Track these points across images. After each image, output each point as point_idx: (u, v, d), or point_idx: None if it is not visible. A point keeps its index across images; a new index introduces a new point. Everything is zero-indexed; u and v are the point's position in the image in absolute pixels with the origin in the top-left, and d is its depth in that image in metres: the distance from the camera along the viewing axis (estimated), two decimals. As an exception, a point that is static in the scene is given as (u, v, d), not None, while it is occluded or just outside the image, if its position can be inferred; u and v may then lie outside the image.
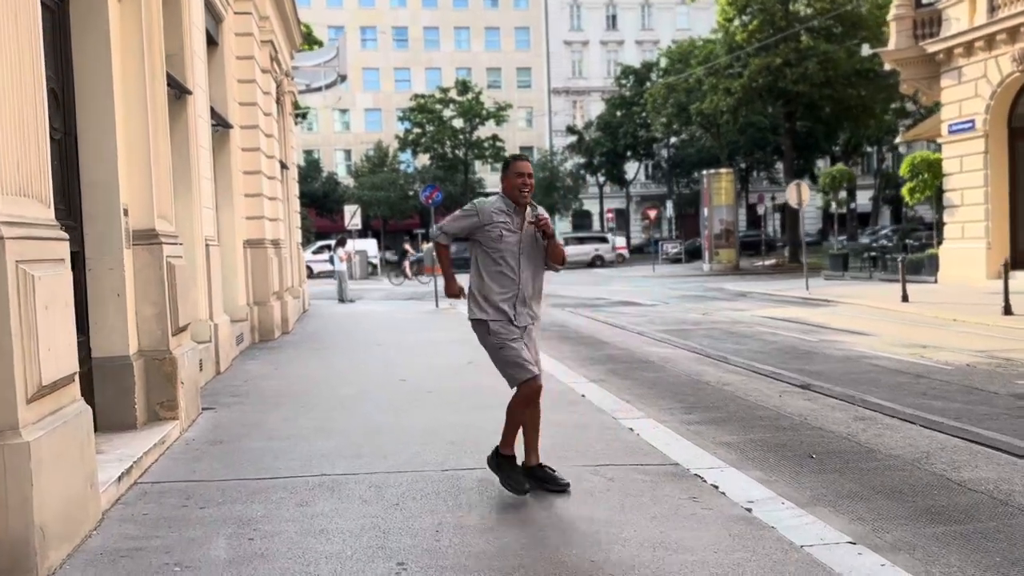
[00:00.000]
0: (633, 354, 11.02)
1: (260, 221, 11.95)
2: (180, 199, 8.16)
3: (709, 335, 12.96)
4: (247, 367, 9.37)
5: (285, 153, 15.84)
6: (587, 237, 47.21)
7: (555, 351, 11.17)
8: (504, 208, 4.55)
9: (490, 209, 4.55)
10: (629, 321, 15.25)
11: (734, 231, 33.15)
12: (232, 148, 10.98)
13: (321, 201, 54.34)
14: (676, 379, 9.06)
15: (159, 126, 6.34)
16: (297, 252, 16.79)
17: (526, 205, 4.56)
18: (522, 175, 4.52)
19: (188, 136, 8.31)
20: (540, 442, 4.91)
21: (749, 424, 6.85)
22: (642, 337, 12.82)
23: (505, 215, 4.53)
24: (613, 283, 28.44)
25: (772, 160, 56.74)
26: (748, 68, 30.74)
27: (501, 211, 4.54)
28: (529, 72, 65.86)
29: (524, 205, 4.55)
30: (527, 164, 4.60)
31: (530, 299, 4.61)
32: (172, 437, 5.80)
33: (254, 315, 11.55)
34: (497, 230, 4.49)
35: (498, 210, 4.55)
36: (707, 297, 20.86)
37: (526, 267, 4.56)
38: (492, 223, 4.49)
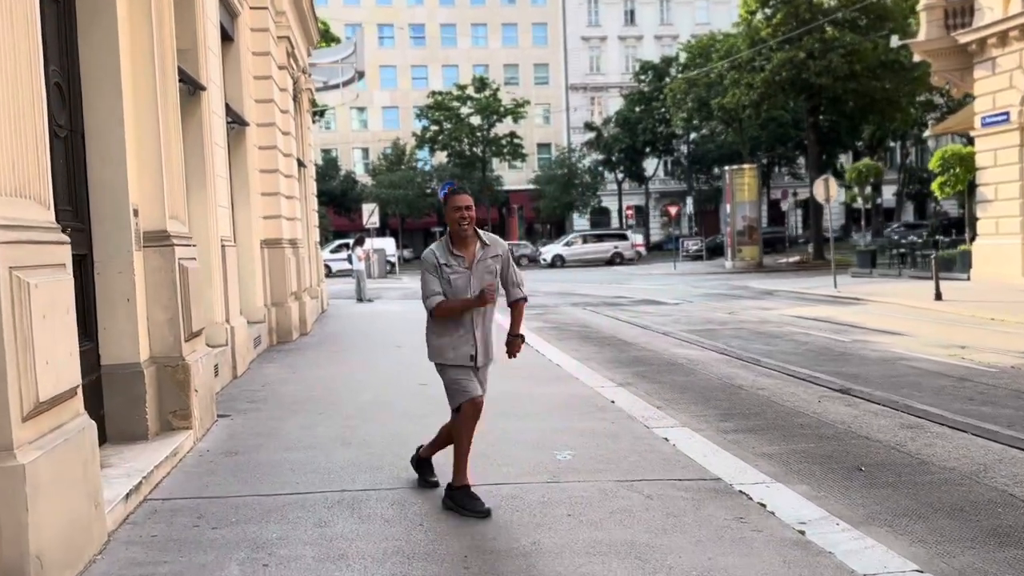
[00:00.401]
0: (660, 356, 10.67)
1: (277, 220, 11.70)
2: (194, 198, 7.91)
3: (737, 335, 12.58)
4: (265, 371, 9.12)
5: (302, 151, 15.60)
6: (606, 234, 46.76)
7: (578, 352, 10.85)
8: (446, 251, 4.44)
9: (433, 259, 4.45)
10: (653, 321, 14.89)
11: (757, 228, 32.65)
12: (248, 146, 10.74)
13: (339, 200, 54.25)
14: (708, 383, 8.71)
15: (171, 123, 6.08)
16: (315, 251, 16.56)
17: (468, 239, 4.43)
18: (459, 208, 4.38)
19: (202, 133, 8.05)
20: (573, 451, 4.59)
21: (790, 433, 6.50)
22: (668, 338, 12.46)
23: (447, 258, 4.43)
24: (634, 281, 28.04)
25: (794, 155, 56.00)
26: (771, 62, 30.19)
27: (443, 255, 4.44)
28: (547, 68, 65.40)
29: (465, 239, 4.43)
30: (464, 197, 4.43)
31: (486, 338, 4.55)
32: (185, 448, 5.53)
33: (272, 316, 11.31)
34: (445, 276, 4.40)
35: (440, 255, 4.45)
36: (732, 295, 20.44)
37: (478, 310, 4.45)
38: (441, 268, 4.41)
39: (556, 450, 5.52)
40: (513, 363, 9.28)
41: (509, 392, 7.58)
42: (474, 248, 4.45)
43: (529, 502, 4.45)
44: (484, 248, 4.46)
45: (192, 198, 7.88)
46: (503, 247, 4.58)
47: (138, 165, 5.64)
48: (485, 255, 4.46)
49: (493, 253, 4.50)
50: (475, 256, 4.43)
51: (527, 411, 6.83)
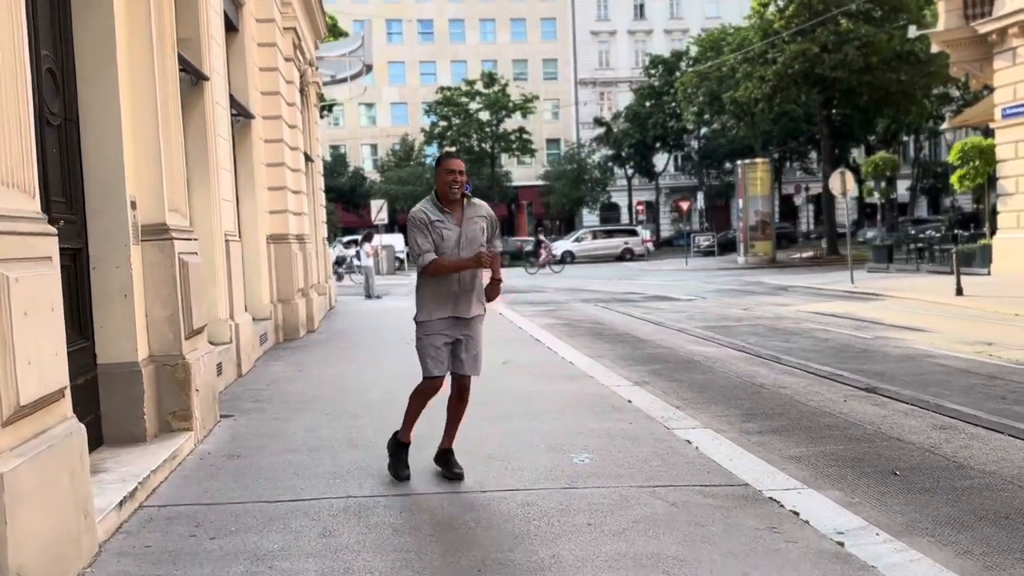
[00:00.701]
0: (676, 353, 10.39)
1: (284, 215, 11.47)
2: (197, 192, 7.69)
3: (754, 332, 12.28)
4: (270, 369, 8.89)
5: (310, 145, 15.37)
6: (615, 230, 46.45)
7: (591, 349, 10.58)
8: (433, 208, 4.62)
9: (424, 216, 4.60)
10: (667, 317, 14.60)
11: (770, 223, 32.26)
12: (254, 139, 10.51)
13: (347, 196, 54.10)
14: (727, 381, 8.42)
15: (171, 112, 5.84)
16: (323, 247, 16.34)
17: (459, 200, 4.62)
18: (452, 172, 4.56)
19: (205, 125, 7.82)
20: (591, 454, 4.34)
21: (816, 434, 6.22)
22: (683, 334, 12.18)
23: (438, 214, 4.60)
24: (645, 277, 27.73)
25: (806, 150, 55.50)
26: (784, 55, 29.77)
27: (433, 212, 4.61)
28: (555, 63, 65.01)
29: (455, 201, 4.61)
30: (457, 162, 4.63)
31: (472, 294, 4.67)
32: (185, 451, 5.29)
33: (278, 313, 11.08)
34: (437, 231, 4.57)
35: (431, 212, 4.61)
36: (746, 291, 20.12)
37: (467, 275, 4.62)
38: (432, 224, 4.57)
39: (573, 453, 5.25)
40: (524, 360, 9.08)
41: (521, 390, 7.32)
42: (460, 210, 4.63)
43: (546, 509, 4.19)
44: (471, 207, 4.69)
45: (194, 191, 7.65)
46: (487, 209, 4.81)
47: (136, 156, 5.40)
48: (474, 214, 4.67)
49: (480, 213, 4.72)
50: (463, 216, 4.63)
51: (540, 410, 6.57)
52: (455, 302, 4.61)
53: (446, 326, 4.63)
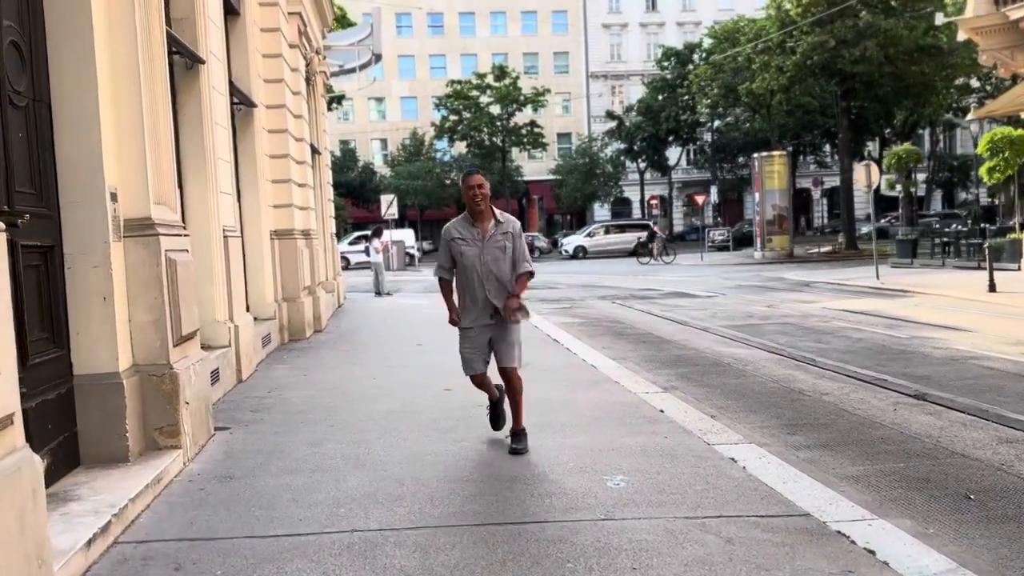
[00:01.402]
0: (703, 355, 9.79)
1: (289, 210, 10.92)
2: (192, 183, 7.14)
3: (783, 331, 11.66)
4: (273, 373, 8.33)
5: (317, 137, 14.81)
6: (629, 224, 45.70)
7: (613, 351, 10.00)
8: (463, 224, 5.12)
9: (449, 232, 5.15)
10: (688, 315, 13.99)
11: (787, 217, 31.51)
12: (256, 129, 9.95)
13: (357, 191, 53.64)
14: (763, 387, 7.82)
15: (158, 94, 5.28)
16: (331, 243, 15.79)
17: (482, 213, 5.07)
18: (472, 187, 5.02)
19: (201, 111, 7.27)
20: (626, 476, 3.77)
21: (871, 449, 5.62)
22: (708, 334, 11.57)
23: (462, 231, 5.09)
24: (661, 272, 27.09)
25: (820, 143, 54.63)
26: (801, 45, 29.00)
27: (459, 228, 5.11)
28: (567, 57, 64.27)
29: (480, 213, 5.06)
30: (478, 177, 5.06)
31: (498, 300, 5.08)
32: (172, 472, 4.75)
33: (283, 313, 10.54)
34: (457, 247, 5.06)
35: (457, 228, 5.12)
36: (767, 287, 19.47)
37: (491, 276, 5.05)
38: (453, 241, 5.08)
39: (605, 474, 4.68)
40: (544, 364, 8.49)
41: (543, 399, 6.75)
42: (488, 224, 5.07)
43: (582, 547, 3.62)
44: (497, 225, 5.10)
45: (189, 183, 7.11)
46: (515, 225, 5.19)
47: (117, 142, 4.85)
48: (497, 231, 5.08)
49: (504, 230, 5.10)
50: (488, 231, 5.05)
51: (564, 422, 5.99)
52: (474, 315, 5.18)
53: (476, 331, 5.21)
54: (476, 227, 5.07)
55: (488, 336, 5.17)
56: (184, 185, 7.27)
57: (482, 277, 5.04)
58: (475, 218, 5.08)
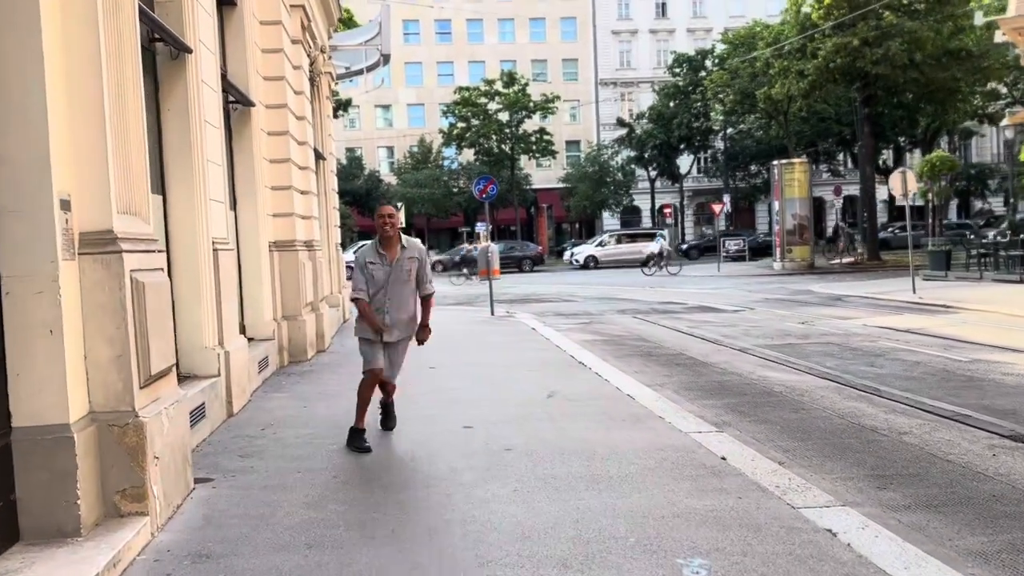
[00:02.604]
0: (749, 381, 8.81)
1: (290, 219, 10.00)
2: (176, 189, 6.23)
3: (827, 352, 10.68)
4: (269, 404, 7.38)
5: (321, 141, 13.91)
6: (640, 234, 44.72)
7: (647, 375, 9.04)
8: (374, 251, 5.75)
9: (363, 257, 5.75)
10: (720, 332, 13.01)
11: (808, 226, 30.50)
12: (254, 131, 9.04)
13: (363, 199, 52.81)
14: (828, 423, 6.84)
15: (127, 78, 4.37)
16: (336, 254, 14.86)
17: (391, 238, 5.71)
18: (383, 216, 5.69)
19: (188, 106, 6.37)
20: (705, 560, 2.83)
21: (985, 511, 4.63)
22: (747, 356, 10.59)
23: (374, 256, 5.73)
24: (677, 284, 26.10)
25: (835, 151, 53.65)
26: (823, 48, 28.04)
27: (371, 255, 5.73)
28: (576, 63, 63.53)
29: (389, 238, 5.70)
30: (388, 208, 5.76)
31: (400, 320, 5.80)
32: (135, 548, 3.80)
33: (283, 332, 9.60)
34: (369, 272, 5.70)
35: (370, 253, 5.75)
36: (795, 301, 18.46)
37: (394, 295, 5.74)
38: (365, 267, 5.71)
39: (678, 555, 3.72)
40: (573, 392, 7.53)
41: (580, 440, 5.79)
42: (396, 249, 5.71)
43: None
44: (403, 250, 5.74)
45: (173, 189, 6.20)
46: (419, 250, 5.88)
47: (70, 137, 3.92)
48: (403, 256, 5.73)
49: (410, 255, 5.77)
50: (396, 255, 5.70)
51: (612, 475, 5.02)
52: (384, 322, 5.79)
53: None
54: (384, 253, 5.74)
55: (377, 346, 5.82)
56: (167, 191, 6.36)
57: (385, 297, 5.73)
58: (384, 245, 5.75)
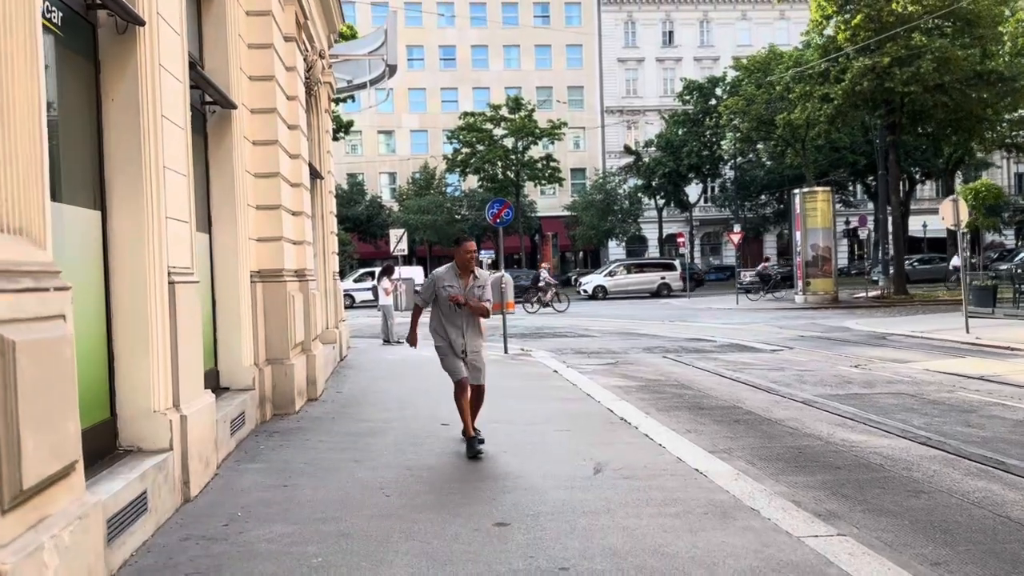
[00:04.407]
0: (833, 447, 7.21)
1: (277, 244, 8.45)
2: (121, 203, 4.74)
3: (906, 406, 9.10)
4: (240, 482, 5.76)
5: (319, 158, 12.42)
6: (650, 263, 43.25)
7: (709, 439, 7.45)
8: (452, 275, 6.79)
9: (440, 279, 6.80)
10: (768, 378, 11.43)
11: (831, 258, 29.00)
12: (235, 138, 7.54)
13: (364, 226, 51.49)
14: (964, 514, 5.23)
15: (13, 32, 2.85)
16: (333, 285, 13.30)
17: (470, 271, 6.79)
18: (469, 251, 6.76)
19: (139, 97, 4.87)
20: None
21: None
22: (815, 410, 8.99)
23: (453, 280, 6.77)
24: (699, 318, 24.51)
25: (847, 181, 52.37)
26: (850, 71, 26.74)
27: (451, 278, 6.78)
28: (581, 91, 62.59)
29: (469, 271, 6.79)
30: (471, 243, 6.84)
31: (468, 336, 6.78)
32: None
33: (265, 380, 8.01)
34: (443, 291, 6.73)
35: (448, 277, 6.79)
36: (835, 340, 16.87)
37: (466, 316, 6.77)
38: (442, 288, 6.75)
39: None
40: (624, 464, 5.94)
41: (660, 555, 4.19)
42: (470, 278, 6.79)
43: None
44: (476, 279, 6.81)
45: (115, 202, 4.70)
46: (487, 278, 6.96)
47: None
48: (474, 284, 6.78)
49: (479, 284, 6.81)
50: (469, 283, 6.77)
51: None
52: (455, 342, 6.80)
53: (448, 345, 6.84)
54: (462, 278, 6.71)
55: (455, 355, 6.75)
56: (108, 206, 4.83)
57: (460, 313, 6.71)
58: (462, 273, 6.73)
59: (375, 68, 15.01)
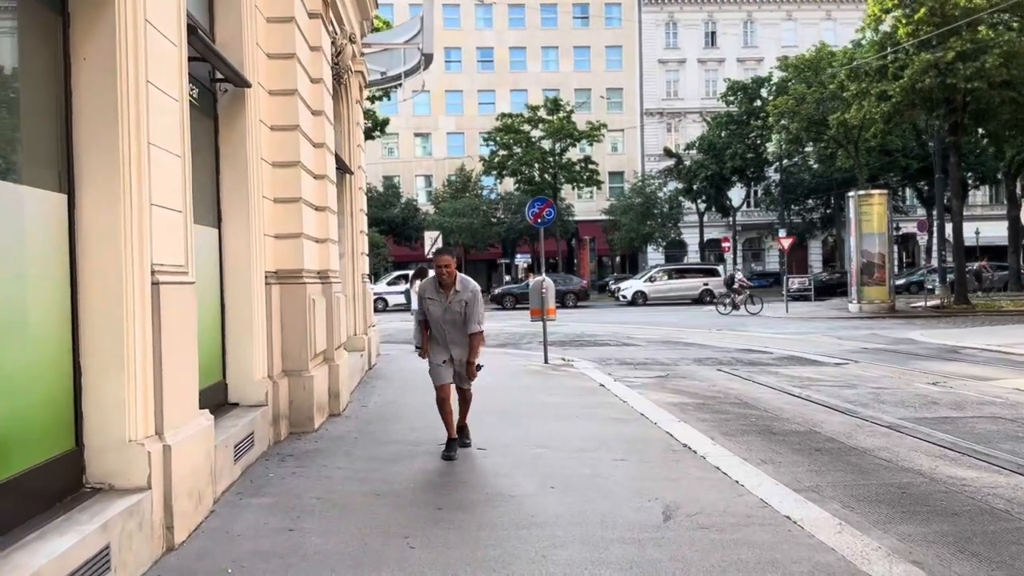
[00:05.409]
0: (941, 485, 6.08)
1: (296, 241, 7.54)
2: (92, 186, 3.86)
3: (1008, 433, 7.91)
4: (237, 524, 4.82)
5: (349, 151, 11.55)
6: (692, 268, 41.96)
7: (790, 473, 6.36)
8: (434, 288, 6.59)
9: (424, 291, 6.66)
10: (841, 397, 10.27)
11: (886, 265, 27.52)
12: (249, 121, 6.66)
13: (399, 228, 50.91)
14: None
15: None
16: (362, 288, 12.41)
17: (447, 283, 6.51)
18: (440, 266, 6.47)
19: (116, 58, 4.00)
20: None
21: None
22: (904, 437, 7.84)
23: (433, 293, 6.59)
24: (748, 326, 23.26)
25: (898, 186, 50.45)
26: (910, 67, 25.32)
27: (431, 291, 6.60)
28: (620, 93, 61.44)
29: (445, 284, 6.52)
30: (446, 258, 6.51)
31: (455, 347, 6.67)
32: None
33: (280, 394, 7.10)
34: (425, 306, 6.64)
35: (430, 289, 6.61)
36: (902, 352, 15.58)
37: (450, 330, 6.62)
38: (423, 300, 6.65)
39: None
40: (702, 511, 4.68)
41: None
42: (450, 292, 6.53)
43: None
44: (456, 293, 6.52)
45: (85, 185, 3.81)
46: (470, 291, 6.57)
47: None
48: (455, 298, 6.52)
49: (461, 297, 6.53)
50: (449, 297, 6.52)
51: None
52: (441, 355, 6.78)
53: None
54: (442, 291, 6.55)
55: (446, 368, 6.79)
56: (76, 189, 3.94)
57: (445, 327, 6.62)
58: (442, 286, 6.54)
59: (410, 59, 14.13)
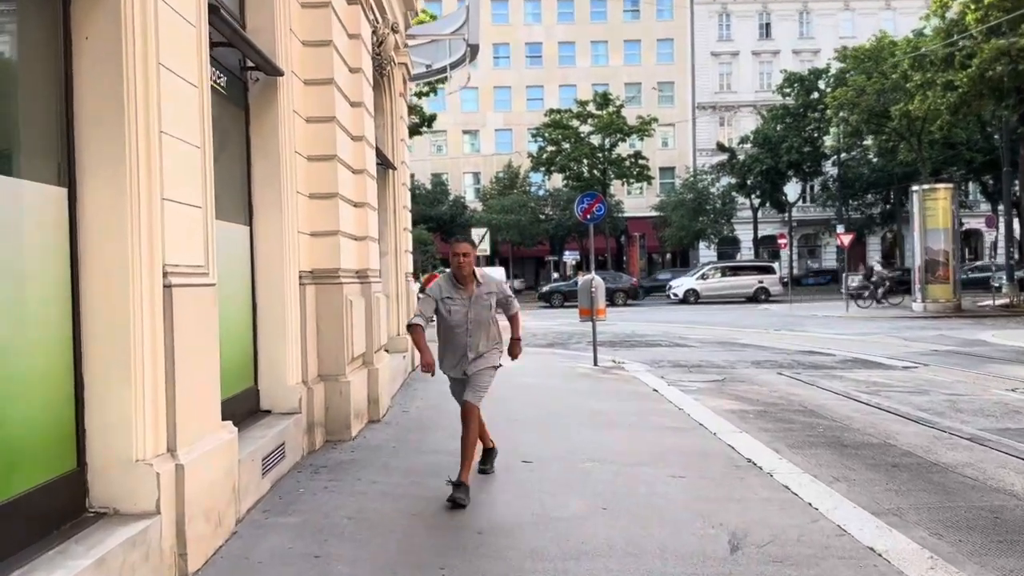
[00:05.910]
0: (1039, 511, 5.42)
1: (333, 239, 7.16)
2: (94, 178, 3.48)
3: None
4: (260, 550, 4.41)
5: (391, 145, 11.18)
6: (746, 266, 40.84)
7: (866, 492, 5.78)
8: (450, 286, 5.56)
9: (439, 292, 5.55)
10: (913, 404, 9.54)
11: (951, 262, 26.26)
12: (282, 112, 6.29)
13: (447, 226, 50.79)
14: None
15: None
16: (405, 287, 12.04)
17: (467, 276, 5.51)
18: (457, 254, 5.49)
19: (120, 32, 3.62)
20: None
21: None
22: (990, 451, 7.13)
23: (451, 292, 5.54)
24: (806, 326, 22.36)
25: (961, 180, 48.51)
26: (979, 55, 24.09)
27: (448, 289, 5.54)
28: (672, 87, 60.32)
29: (465, 276, 5.51)
30: (463, 245, 5.54)
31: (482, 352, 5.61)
32: None
33: (315, 401, 6.73)
34: (446, 307, 5.51)
35: (447, 288, 5.55)
36: (973, 355, 14.64)
37: (475, 332, 5.56)
38: (442, 301, 5.52)
39: None
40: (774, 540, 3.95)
41: None
42: (472, 286, 5.55)
43: None
44: (480, 286, 5.58)
45: (87, 178, 3.43)
46: (496, 284, 5.71)
47: None
48: (481, 292, 5.57)
49: (487, 290, 5.62)
50: (473, 292, 5.54)
51: None
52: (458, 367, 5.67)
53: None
54: (461, 287, 5.52)
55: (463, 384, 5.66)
56: (76, 182, 3.57)
57: (466, 335, 5.51)
58: (460, 281, 5.53)
59: (455, 51, 13.72)
